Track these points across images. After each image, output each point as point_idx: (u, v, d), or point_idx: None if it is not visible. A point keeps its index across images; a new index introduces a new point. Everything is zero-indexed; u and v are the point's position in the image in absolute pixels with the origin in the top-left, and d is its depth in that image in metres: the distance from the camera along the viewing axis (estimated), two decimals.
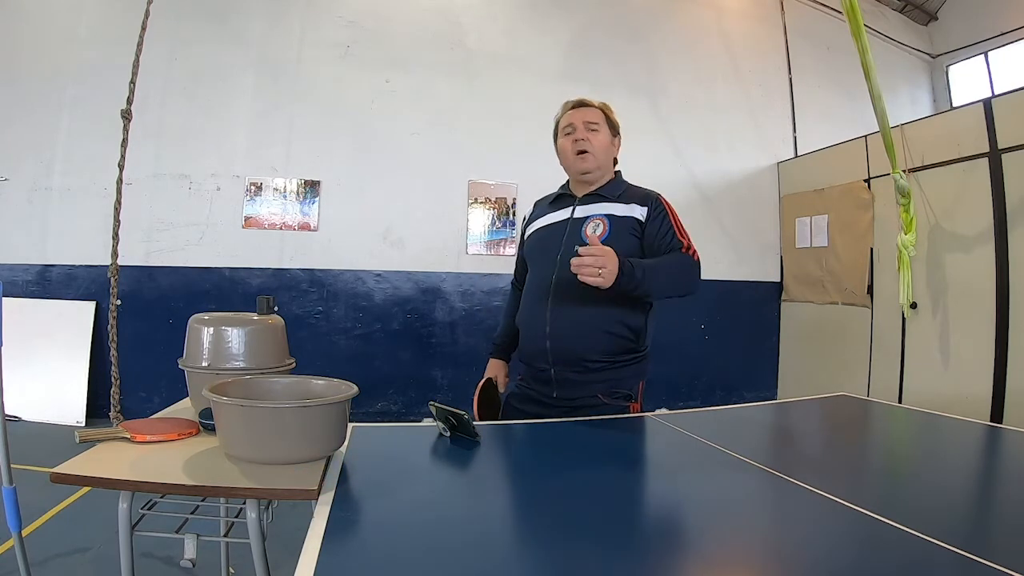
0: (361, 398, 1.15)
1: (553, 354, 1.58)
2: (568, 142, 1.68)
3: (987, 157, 3.36)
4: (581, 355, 1.56)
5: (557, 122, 1.75)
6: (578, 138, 1.65)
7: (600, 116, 1.69)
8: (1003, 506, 1.08)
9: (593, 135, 1.66)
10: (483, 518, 1.01)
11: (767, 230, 5.19)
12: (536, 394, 1.65)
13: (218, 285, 4.21)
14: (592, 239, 1.48)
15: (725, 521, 0.97)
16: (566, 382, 1.59)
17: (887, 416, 1.89)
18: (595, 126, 1.67)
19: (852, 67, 3.74)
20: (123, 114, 3.48)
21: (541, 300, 1.61)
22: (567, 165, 1.72)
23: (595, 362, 1.57)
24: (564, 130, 1.71)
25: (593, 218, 1.61)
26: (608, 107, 1.74)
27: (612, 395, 1.60)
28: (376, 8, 4.60)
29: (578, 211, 1.66)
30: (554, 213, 1.72)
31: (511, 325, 1.80)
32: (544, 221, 1.73)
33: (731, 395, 4.98)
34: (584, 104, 1.71)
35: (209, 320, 1.43)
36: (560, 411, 1.58)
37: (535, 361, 1.64)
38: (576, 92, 1.87)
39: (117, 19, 4.01)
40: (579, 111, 1.69)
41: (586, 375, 1.58)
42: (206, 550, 1.57)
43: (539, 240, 1.72)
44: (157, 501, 1.15)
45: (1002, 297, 3.28)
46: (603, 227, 1.58)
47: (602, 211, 1.62)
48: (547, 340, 1.58)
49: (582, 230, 1.60)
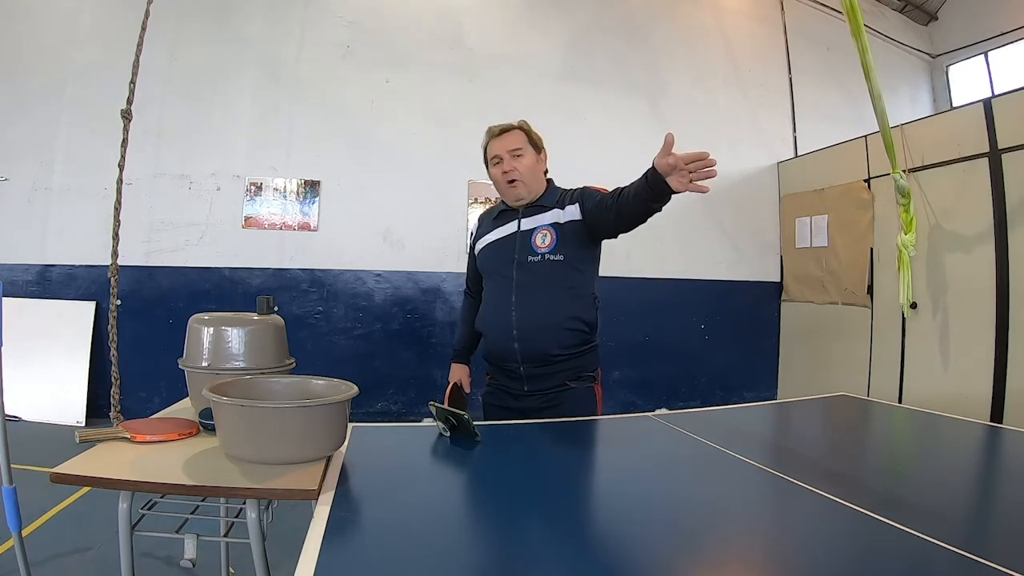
0: (361, 398, 1.15)
1: (522, 354, 1.72)
2: (498, 172, 1.79)
3: (987, 157, 3.36)
4: (546, 351, 1.71)
5: (485, 149, 1.84)
6: (506, 169, 1.76)
7: (522, 139, 1.78)
8: (1003, 506, 1.08)
9: (519, 161, 1.76)
10: (483, 518, 1.01)
11: (767, 230, 5.19)
12: (508, 389, 1.78)
13: (218, 285, 4.21)
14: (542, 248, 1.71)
15: (725, 521, 0.97)
16: (534, 376, 1.73)
17: (887, 416, 1.89)
18: (519, 151, 1.77)
19: (852, 67, 3.74)
20: (123, 114, 3.48)
21: (505, 307, 1.74)
22: (501, 193, 1.84)
23: (558, 356, 1.71)
24: (492, 160, 1.81)
25: (540, 229, 1.75)
26: (527, 125, 1.83)
27: (577, 379, 1.75)
28: (376, 8, 4.60)
29: (523, 223, 1.78)
30: (500, 228, 1.83)
31: (470, 330, 1.93)
32: (492, 236, 1.84)
33: (731, 395, 4.98)
34: (504, 131, 1.80)
35: (209, 320, 1.43)
36: (533, 400, 1.73)
37: (505, 362, 1.77)
38: (576, 92, 1.89)
39: (117, 19, 4.01)
40: (501, 140, 1.78)
41: (552, 367, 1.72)
42: (206, 550, 1.57)
43: (492, 253, 1.84)
44: (157, 501, 1.15)
45: (1002, 297, 3.28)
46: (550, 237, 1.73)
47: (546, 221, 1.76)
48: (515, 342, 1.71)
49: (531, 241, 1.75)
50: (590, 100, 4.84)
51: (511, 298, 1.72)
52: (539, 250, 1.72)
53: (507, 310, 1.72)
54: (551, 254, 1.72)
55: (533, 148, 1.80)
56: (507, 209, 1.84)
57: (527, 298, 1.71)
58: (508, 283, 1.74)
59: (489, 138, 1.82)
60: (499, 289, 1.78)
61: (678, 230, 4.96)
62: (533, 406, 1.72)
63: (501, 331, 1.74)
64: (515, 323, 1.71)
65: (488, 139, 1.83)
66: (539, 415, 1.69)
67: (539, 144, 1.83)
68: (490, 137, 1.82)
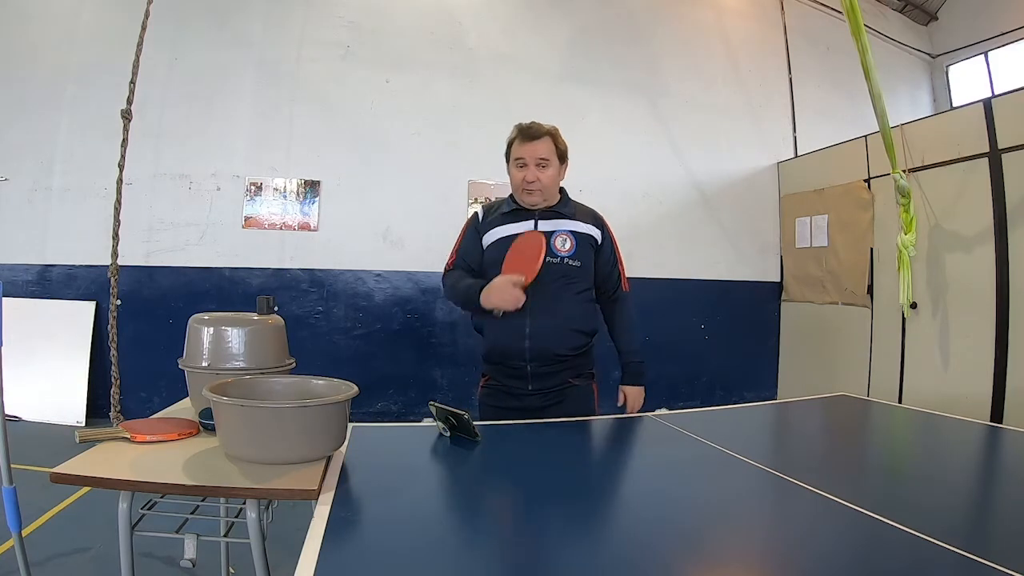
0: (361, 398, 1.15)
1: (531, 352, 1.72)
2: (519, 176, 1.78)
3: (987, 157, 3.36)
4: (555, 352, 1.74)
5: (509, 144, 1.82)
6: (529, 179, 1.75)
7: (550, 148, 1.77)
8: (1003, 506, 1.08)
9: (543, 172, 1.76)
10: (483, 518, 1.01)
11: (767, 230, 5.19)
12: (509, 389, 1.78)
13: (218, 285, 4.21)
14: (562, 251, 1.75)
15: (725, 521, 0.97)
16: (540, 375, 1.75)
17: (887, 416, 1.89)
18: (545, 162, 1.76)
19: (852, 67, 3.74)
20: (123, 114, 3.48)
21: None
22: (515, 193, 1.83)
23: (565, 356, 1.75)
24: (516, 161, 1.79)
25: (560, 232, 1.78)
26: (557, 132, 1.81)
27: (578, 376, 1.80)
28: (376, 8, 4.59)
29: (541, 224, 1.79)
30: (514, 224, 1.81)
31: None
32: (506, 231, 1.81)
33: (731, 395, 4.98)
34: (535, 136, 1.76)
35: (209, 320, 1.43)
36: (535, 399, 1.75)
37: (510, 359, 1.76)
38: (576, 92, 1.90)
39: (117, 19, 4.00)
40: (531, 146, 1.76)
41: (557, 366, 1.75)
42: (206, 550, 1.57)
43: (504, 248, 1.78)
44: (157, 501, 1.15)
45: (1002, 297, 3.28)
46: (570, 242, 1.77)
47: (565, 227, 1.79)
48: (527, 340, 1.72)
49: (551, 243, 1.75)
50: (590, 100, 4.83)
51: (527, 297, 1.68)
52: (559, 253, 1.74)
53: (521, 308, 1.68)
54: (571, 258, 1.75)
55: (559, 158, 1.80)
56: (520, 208, 1.82)
57: (544, 298, 1.70)
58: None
59: (518, 136, 1.79)
60: None
61: (678, 230, 4.96)
62: (535, 404, 1.74)
63: (512, 328, 1.72)
64: (529, 322, 1.70)
65: (516, 136, 1.79)
66: (541, 413, 1.70)
67: (564, 155, 1.82)
68: (519, 135, 1.79)
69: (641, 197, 4.83)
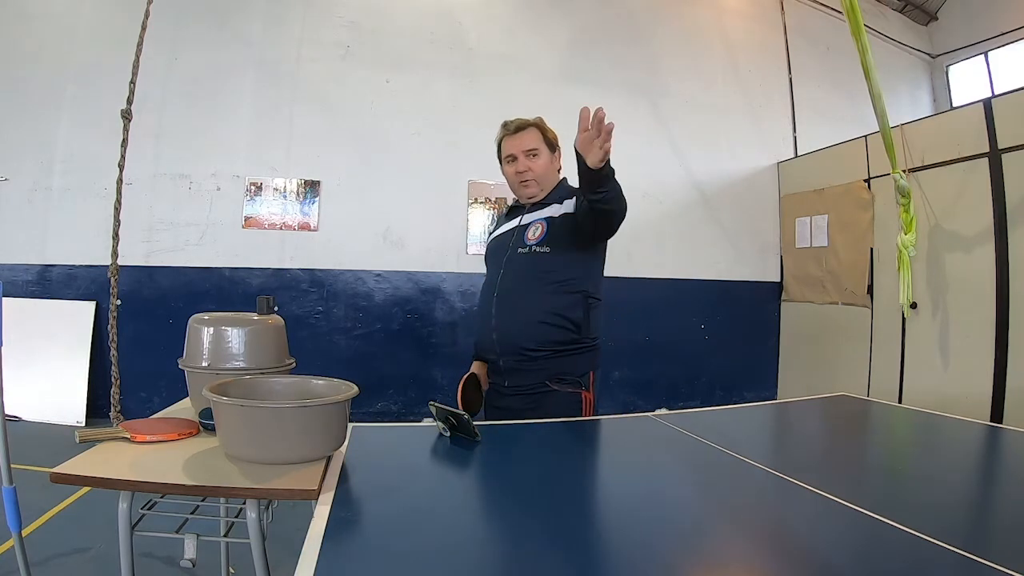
0: (361, 398, 1.15)
1: (499, 344, 1.69)
2: (511, 171, 1.77)
3: (987, 157, 3.36)
4: (521, 344, 1.66)
5: (499, 144, 1.82)
6: (519, 170, 1.75)
7: (537, 137, 1.76)
8: (1003, 506, 1.08)
9: (533, 161, 1.74)
10: (483, 518, 1.01)
11: (767, 230, 5.20)
12: (495, 386, 1.76)
13: (218, 285, 4.21)
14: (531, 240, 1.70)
15: (725, 521, 0.97)
16: (513, 371, 1.69)
17: (887, 416, 1.89)
18: (534, 152, 1.74)
19: (852, 67, 3.74)
20: (123, 114, 3.48)
21: (488, 296, 1.75)
22: (513, 190, 1.83)
23: (536, 351, 1.65)
24: (506, 159, 1.79)
25: (534, 222, 1.74)
26: (543, 122, 1.80)
27: (560, 381, 1.66)
28: (376, 8, 4.59)
29: (525, 218, 1.78)
30: (507, 223, 1.84)
31: None
32: (499, 231, 1.86)
33: (731, 395, 4.98)
34: (520, 128, 1.76)
35: (209, 320, 1.43)
36: (514, 400, 1.68)
37: (486, 353, 1.76)
38: (576, 92, 1.90)
39: (117, 19, 4.00)
40: (517, 138, 1.75)
41: (530, 364, 1.66)
42: (206, 550, 1.57)
43: (494, 246, 1.85)
44: (157, 501, 1.15)
45: (1002, 297, 3.28)
46: (541, 229, 1.71)
47: (542, 215, 1.74)
48: (494, 332, 1.70)
49: (524, 234, 1.74)
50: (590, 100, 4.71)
51: (495, 288, 1.72)
52: (528, 242, 1.71)
53: (489, 299, 1.73)
54: (538, 246, 1.69)
55: (548, 147, 1.77)
56: (517, 205, 1.85)
57: (507, 288, 1.70)
58: (496, 274, 1.75)
59: (504, 134, 1.79)
60: (489, 280, 1.78)
61: (678, 230, 4.97)
62: (515, 406, 1.67)
63: (483, 320, 1.74)
64: (494, 312, 1.70)
65: (503, 135, 1.79)
66: (520, 416, 1.60)
67: (554, 142, 1.80)
68: (505, 133, 1.78)
69: (641, 197, 4.83)
